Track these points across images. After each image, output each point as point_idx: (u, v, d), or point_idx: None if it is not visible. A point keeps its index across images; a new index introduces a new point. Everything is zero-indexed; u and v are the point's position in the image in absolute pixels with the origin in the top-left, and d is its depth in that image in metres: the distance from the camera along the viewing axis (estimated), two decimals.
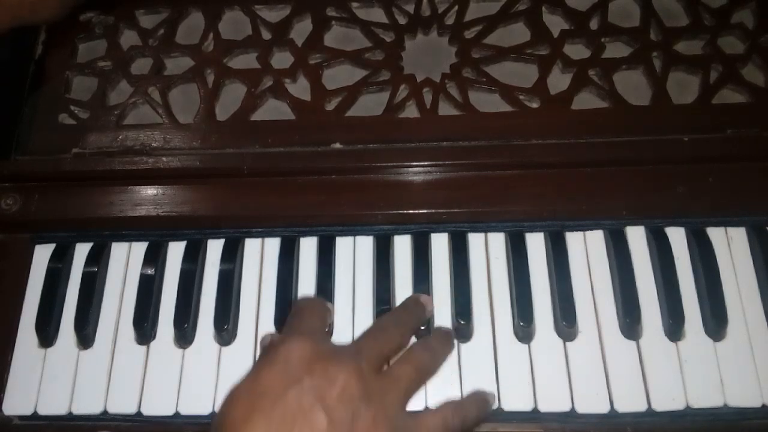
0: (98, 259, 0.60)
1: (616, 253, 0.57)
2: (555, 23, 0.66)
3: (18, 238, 0.62)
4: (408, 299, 0.55)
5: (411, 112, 0.63)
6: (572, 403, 0.53)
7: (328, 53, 0.66)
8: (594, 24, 0.65)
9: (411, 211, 0.59)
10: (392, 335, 0.50)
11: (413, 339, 0.54)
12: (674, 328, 0.54)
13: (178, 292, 0.58)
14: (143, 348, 0.57)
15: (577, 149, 0.59)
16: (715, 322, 0.54)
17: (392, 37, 0.66)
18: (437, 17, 0.66)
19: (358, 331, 0.56)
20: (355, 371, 0.44)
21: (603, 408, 0.52)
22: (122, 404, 0.55)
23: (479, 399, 0.52)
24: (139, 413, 0.55)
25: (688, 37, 0.64)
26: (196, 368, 0.56)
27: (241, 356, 0.56)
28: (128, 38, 0.69)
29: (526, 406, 0.53)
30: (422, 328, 0.55)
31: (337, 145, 0.61)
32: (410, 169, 0.60)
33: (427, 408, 0.52)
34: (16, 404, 0.56)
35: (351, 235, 0.60)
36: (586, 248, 0.58)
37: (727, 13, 0.64)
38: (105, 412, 0.55)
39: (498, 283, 0.57)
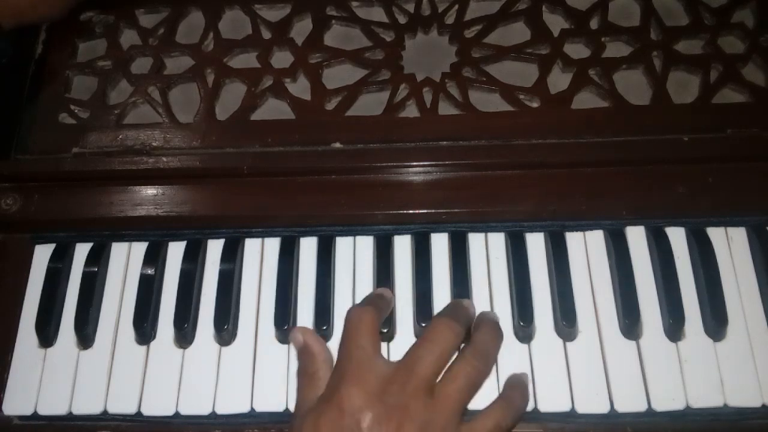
0: (98, 259, 0.60)
1: (616, 253, 0.57)
2: (555, 23, 0.66)
3: (18, 238, 0.62)
4: (451, 304, 0.54)
5: (411, 111, 0.63)
6: (572, 403, 0.53)
7: (328, 53, 0.66)
8: (594, 23, 0.65)
9: (411, 211, 0.59)
10: (443, 345, 0.49)
11: None
12: (674, 328, 0.54)
13: (178, 292, 0.58)
14: (143, 348, 0.57)
15: (577, 149, 0.59)
16: (715, 322, 0.54)
17: (392, 37, 0.66)
18: (437, 16, 0.66)
19: None
20: (407, 415, 0.45)
21: (603, 408, 0.52)
22: (122, 404, 0.55)
23: (521, 386, 0.52)
24: (139, 413, 0.55)
25: (688, 37, 0.64)
26: (196, 368, 0.56)
27: (241, 356, 0.56)
28: (128, 38, 0.69)
29: None
30: (423, 325, 0.55)
31: (337, 145, 0.61)
32: (410, 169, 0.60)
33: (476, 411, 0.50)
34: (16, 404, 0.56)
35: (351, 235, 0.60)
36: (586, 248, 0.58)
37: (727, 12, 0.64)
38: (105, 412, 0.55)
39: (498, 283, 0.57)
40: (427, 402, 0.46)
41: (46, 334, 0.57)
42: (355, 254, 0.59)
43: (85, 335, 0.57)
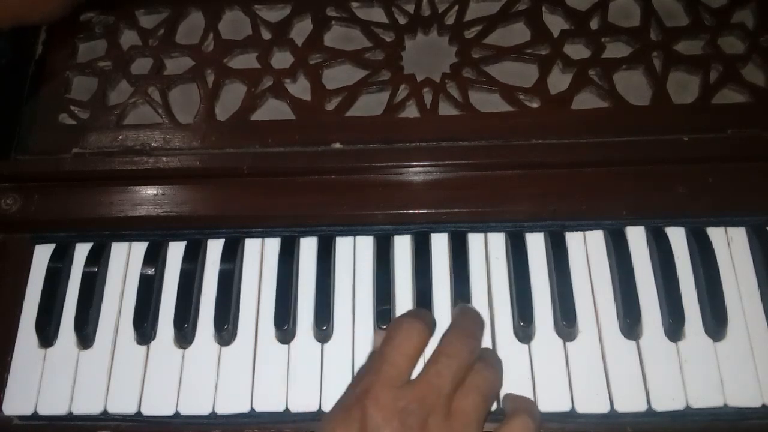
0: (98, 259, 0.60)
1: (616, 253, 0.57)
2: (555, 23, 0.66)
3: (18, 238, 0.62)
4: (462, 313, 0.54)
5: (411, 112, 0.63)
6: (572, 403, 0.53)
7: (328, 53, 0.66)
8: (594, 24, 0.65)
9: (411, 211, 0.59)
10: (461, 360, 0.48)
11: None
12: (674, 328, 0.54)
13: (178, 292, 0.58)
14: (143, 348, 0.57)
15: (577, 149, 0.59)
16: (715, 322, 0.54)
17: (392, 37, 0.66)
18: (437, 17, 0.66)
19: (358, 331, 0.56)
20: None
21: (603, 408, 0.52)
22: (122, 404, 0.55)
23: (534, 408, 0.51)
24: (139, 413, 0.55)
25: (688, 37, 0.64)
26: (196, 368, 0.56)
27: (241, 356, 0.56)
28: (128, 38, 0.69)
29: None
30: None
31: (337, 145, 0.61)
32: (410, 169, 0.60)
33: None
34: (16, 404, 0.56)
35: (351, 235, 0.60)
36: (586, 248, 0.58)
37: (727, 12, 0.64)
38: (105, 412, 0.55)
39: (498, 283, 0.57)
40: (445, 420, 0.46)
41: (46, 334, 0.57)
42: (355, 254, 0.59)
43: (85, 335, 0.57)
